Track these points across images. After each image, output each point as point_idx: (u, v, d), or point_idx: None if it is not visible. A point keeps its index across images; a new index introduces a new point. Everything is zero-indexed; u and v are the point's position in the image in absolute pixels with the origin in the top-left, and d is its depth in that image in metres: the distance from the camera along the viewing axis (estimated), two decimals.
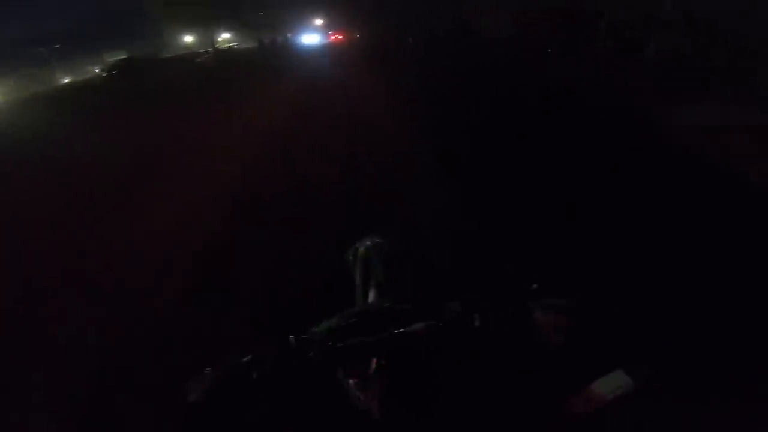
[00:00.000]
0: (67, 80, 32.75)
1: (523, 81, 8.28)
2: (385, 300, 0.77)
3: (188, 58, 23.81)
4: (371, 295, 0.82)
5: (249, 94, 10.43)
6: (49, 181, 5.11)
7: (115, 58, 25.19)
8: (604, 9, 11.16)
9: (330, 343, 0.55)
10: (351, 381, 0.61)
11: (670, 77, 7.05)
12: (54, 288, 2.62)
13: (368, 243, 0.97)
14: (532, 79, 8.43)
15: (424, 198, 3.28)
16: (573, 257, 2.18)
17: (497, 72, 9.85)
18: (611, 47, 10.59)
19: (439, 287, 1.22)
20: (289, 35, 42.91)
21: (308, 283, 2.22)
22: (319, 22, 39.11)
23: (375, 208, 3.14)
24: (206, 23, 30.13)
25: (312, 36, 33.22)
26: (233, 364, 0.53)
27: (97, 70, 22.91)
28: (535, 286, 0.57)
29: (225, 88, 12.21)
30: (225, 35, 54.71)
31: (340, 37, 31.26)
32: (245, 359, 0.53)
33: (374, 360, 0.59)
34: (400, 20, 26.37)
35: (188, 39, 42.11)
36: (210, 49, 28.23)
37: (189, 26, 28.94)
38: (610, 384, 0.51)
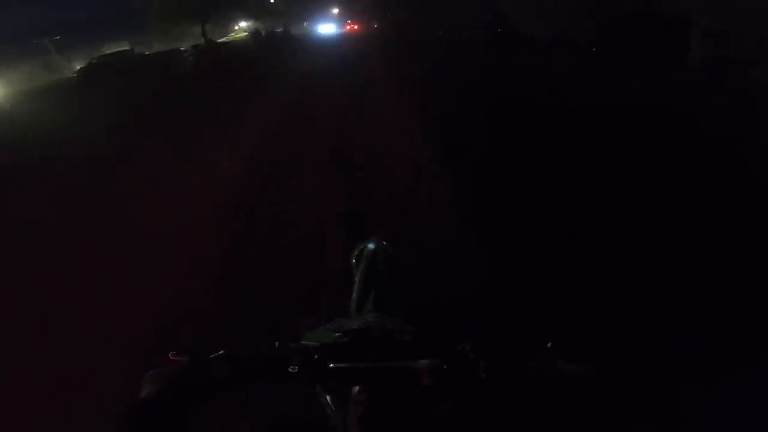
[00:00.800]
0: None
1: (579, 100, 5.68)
2: (388, 319, 0.67)
3: (174, 54, 19.45)
4: (371, 298, 0.81)
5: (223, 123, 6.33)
6: None
7: (113, 50, 23.43)
8: (699, 14, 8.31)
9: (317, 357, 0.49)
10: (329, 397, 0.55)
11: None
12: None
13: (374, 246, 0.95)
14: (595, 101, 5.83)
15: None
16: None
17: (541, 79, 7.31)
18: (705, 65, 7.91)
19: (439, 301, 1.75)
20: (305, 23, 40.55)
21: None
22: (335, 11, 36.45)
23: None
24: (213, 12, 26.82)
25: (328, 26, 30.70)
26: (198, 358, 0.48)
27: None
28: (549, 344, 0.51)
29: (188, 117, 7.28)
30: (242, 24, 52.95)
31: (356, 27, 29.95)
32: (214, 355, 0.48)
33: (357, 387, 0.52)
34: (423, 9, 23.51)
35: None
36: (200, 43, 24.06)
37: (192, 16, 25.44)
38: None
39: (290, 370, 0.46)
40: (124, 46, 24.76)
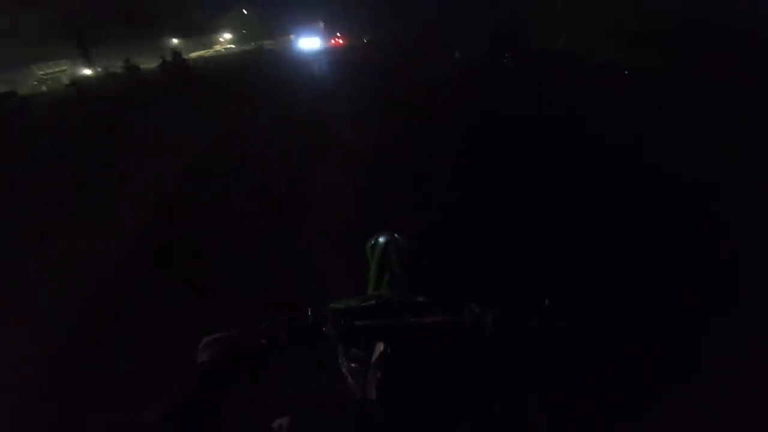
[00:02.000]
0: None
1: None
2: (401, 292, 0.78)
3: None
4: (384, 282, 0.87)
5: None
6: None
7: (51, 70, 19.36)
8: None
9: (344, 322, 0.54)
10: (352, 365, 0.60)
11: None
12: None
13: (387, 237, 1.00)
14: None
15: None
16: None
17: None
18: None
19: (450, 287, 1.77)
20: (291, 36, 37.00)
21: None
22: (321, 24, 32.90)
23: None
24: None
25: (311, 40, 26.87)
26: (247, 328, 0.54)
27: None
28: (547, 301, 0.56)
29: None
30: (226, 36, 49.47)
31: (341, 42, 26.77)
32: (261, 326, 0.54)
33: (380, 348, 0.57)
34: (426, 19, 19.80)
35: (175, 41, 36.78)
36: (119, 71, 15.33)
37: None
38: None
39: (325, 330, 0.52)
40: (63, 66, 20.73)
